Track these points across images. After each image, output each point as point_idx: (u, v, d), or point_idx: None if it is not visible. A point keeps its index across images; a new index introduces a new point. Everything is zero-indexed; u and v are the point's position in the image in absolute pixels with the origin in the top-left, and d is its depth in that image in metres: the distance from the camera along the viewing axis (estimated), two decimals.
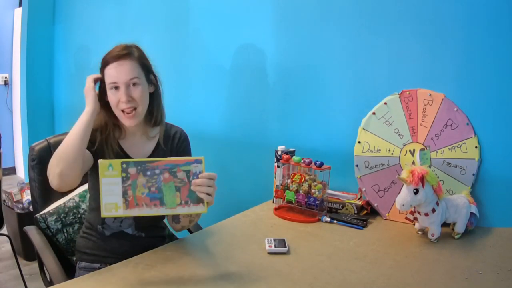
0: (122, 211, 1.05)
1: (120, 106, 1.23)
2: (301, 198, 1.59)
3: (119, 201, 1.05)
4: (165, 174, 1.07)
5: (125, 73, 1.22)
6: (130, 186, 1.05)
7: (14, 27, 4.12)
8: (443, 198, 1.37)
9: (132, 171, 1.05)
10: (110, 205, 1.05)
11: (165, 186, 1.07)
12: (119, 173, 1.05)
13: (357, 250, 1.30)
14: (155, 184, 1.06)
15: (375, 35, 1.65)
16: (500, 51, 1.40)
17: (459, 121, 1.47)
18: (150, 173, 1.06)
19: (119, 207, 1.05)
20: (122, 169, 1.05)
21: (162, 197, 1.07)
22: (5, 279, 2.38)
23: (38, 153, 1.50)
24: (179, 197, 1.07)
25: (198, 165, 1.08)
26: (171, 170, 1.07)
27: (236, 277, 1.11)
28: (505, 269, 1.16)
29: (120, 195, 1.05)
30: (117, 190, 1.05)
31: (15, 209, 2.56)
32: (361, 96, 1.70)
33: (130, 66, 1.23)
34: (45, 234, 1.42)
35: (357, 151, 1.65)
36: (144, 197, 1.06)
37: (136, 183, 1.06)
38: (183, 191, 1.07)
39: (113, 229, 1.32)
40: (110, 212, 1.05)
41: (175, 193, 1.07)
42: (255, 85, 2.06)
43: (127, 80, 1.22)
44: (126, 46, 1.26)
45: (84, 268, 1.31)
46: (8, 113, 4.27)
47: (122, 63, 1.22)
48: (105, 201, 1.05)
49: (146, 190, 1.06)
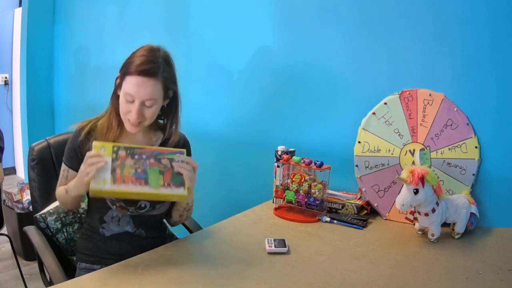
0: (110, 186, 1.12)
1: (128, 117, 1.21)
2: (301, 198, 1.59)
3: (107, 177, 1.12)
4: (151, 159, 1.18)
5: (145, 94, 1.17)
6: (118, 165, 1.14)
7: (14, 27, 4.12)
8: (443, 198, 1.37)
9: (122, 153, 1.16)
10: (99, 179, 1.12)
11: (150, 169, 1.17)
12: (110, 154, 1.15)
13: (357, 250, 1.30)
14: (141, 166, 1.16)
15: (375, 35, 1.65)
16: (499, 51, 1.40)
17: (459, 121, 1.47)
18: (138, 157, 1.17)
19: (106, 181, 1.12)
20: (113, 151, 1.15)
21: (147, 177, 1.15)
22: (5, 279, 2.38)
23: (38, 153, 1.50)
24: (162, 180, 1.17)
25: (180, 155, 1.21)
26: (156, 156, 1.19)
27: (236, 277, 1.11)
28: (505, 269, 1.16)
29: (109, 172, 1.13)
30: (107, 167, 1.13)
31: (15, 209, 2.56)
32: (361, 96, 1.70)
33: (153, 87, 1.18)
34: (45, 233, 1.42)
35: (357, 151, 1.65)
36: (131, 176, 1.14)
37: (124, 163, 1.15)
38: (167, 175, 1.17)
39: (113, 229, 1.32)
40: (98, 185, 1.11)
41: (159, 176, 1.17)
42: (255, 85, 2.06)
43: (144, 100, 1.18)
44: (156, 58, 1.19)
45: (85, 269, 1.31)
46: (8, 113, 4.27)
47: (146, 82, 1.16)
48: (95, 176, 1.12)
49: (133, 170, 1.15)
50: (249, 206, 1.70)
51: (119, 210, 1.29)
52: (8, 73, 4.22)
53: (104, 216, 1.31)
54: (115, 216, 1.31)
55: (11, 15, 4.13)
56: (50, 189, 1.52)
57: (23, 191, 2.64)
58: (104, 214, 1.31)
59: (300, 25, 1.87)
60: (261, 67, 2.02)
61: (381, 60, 1.65)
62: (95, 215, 1.33)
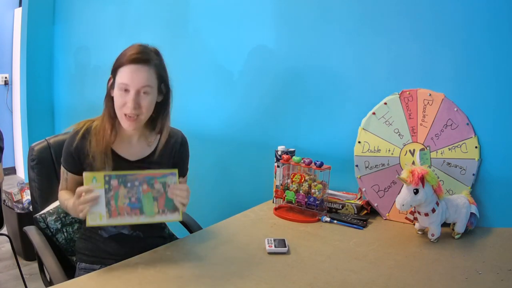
0: (106, 220, 1.14)
1: (125, 110, 1.20)
2: (301, 198, 1.59)
3: (103, 211, 1.13)
4: (143, 186, 1.17)
5: (140, 80, 1.18)
6: (112, 196, 1.14)
7: (14, 27, 4.12)
8: (443, 198, 1.37)
9: (114, 182, 1.15)
10: (95, 215, 1.13)
11: (144, 197, 1.17)
12: (102, 185, 1.14)
13: (357, 250, 1.30)
14: (135, 195, 1.16)
15: (375, 35, 1.65)
16: (499, 51, 1.40)
17: (459, 121, 1.47)
18: (130, 185, 1.16)
19: (102, 216, 1.13)
20: (105, 181, 1.14)
21: (141, 206, 1.17)
22: (5, 279, 2.38)
23: (38, 153, 1.50)
24: (157, 207, 1.18)
25: (173, 177, 1.20)
26: (149, 182, 1.18)
27: (236, 277, 1.11)
28: (505, 269, 1.16)
29: (103, 205, 1.13)
30: (101, 200, 1.13)
31: (15, 209, 2.56)
32: (361, 96, 1.70)
33: (147, 73, 1.19)
34: (45, 234, 1.42)
35: (357, 151, 1.65)
36: (126, 207, 1.15)
37: (118, 194, 1.15)
38: (160, 201, 1.18)
39: (111, 231, 1.32)
40: (95, 221, 1.13)
41: (154, 202, 1.17)
42: (255, 85, 2.06)
43: (139, 87, 1.19)
44: (145, 49, 1.22)
45: (84, 269, 1.31)
46: (8, 113, 4.27)
47: (139, 68, 1.18)
48: (90, 211, 1.12)
49: (127, 200, 1.16)
50: (249, 206, 1.70)
51: None
52: (8, 73, 4.22)
53: None
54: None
55: (11, 15, 4.13)
56: (50, 189, 1.52)
57: (23, 191, 2.64)
58: None
59: (300, 25, 1.87)
60: (261, 67, 2.02)
61: (381, 60, 1.64)
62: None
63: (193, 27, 2.31)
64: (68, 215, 1.46)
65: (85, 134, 1.27)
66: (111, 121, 1.26)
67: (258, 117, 2.06)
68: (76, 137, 1.27)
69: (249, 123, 2.10)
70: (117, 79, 1.20)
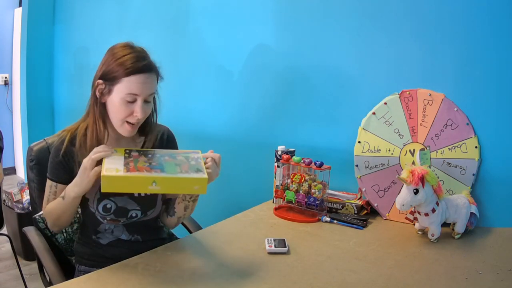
0: (123, 173, 1.04)
1: (130, 119, 1.18)
2: (301, 198, 1.59)
3: (120, 167, 1.06)
4: (165, 157, 1.14)
5: (149, 89, 1.17)
6: (132, 161, 1.10)
7: (14, 27, 4.12)
8: (443, 198, 1.37)
9: (134, 154, 1.13)
10: (111, 169, 1.05)
11: (166, 163, 1.12)
12: (122, 154, 1.12)
13: (357, 250, 1.30)
14: (156, 161, 1.12)
15: (375, 35, 1.65)
16: (500, 51, 1.40)
17: (459, 121, 1.47)
18: (151, 156, 1.14)
19: (119, 170, 1.05)
20: (125, 152, 1.14)
21: (163, 168, 1.09)
22: (5, 279, 2.38)
23: (37, 154, 1.49)
24: (180, 168, 1.10)
25: (195, 154, 1.17)
26: (171, 155, 1.16)
27: (236, 277, 1.11)
28: (505, 269, 1.16)
29: (121, 164, 1.08)
30: (119, 161, 1.09)
31: (15, 209, 2.56)
32: (361, 96, 1.70)
33: (153, 81, 1.18)
34: (44, 234, 1.41)
35: (357, 151, 1.65)
36: (146, 167, 1.08)
37: (138, 160, 1.11)
38: (183, 167, 1.11)
39: (108, 238, 1.30)
40: (110, 172, 1.04)
41: (176, 167, 1.10)
42: (255, 85, 2.06)
43: (147, 96, 1.18)
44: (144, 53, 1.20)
45: (84, 272, 1.28)
46: (8, 113, 4.27)
47: (148, 77, 1.16)
48: (107, 166, 1.05)
49: (147, 164, 1.10)
50: (249, 206, 1.70)
51: (110, 223, 1.28)
52: (8, 73, 4.22)
53: (97, 227, 1.29)
54: (108, 228, 1.29)
55: (11, 15, 4.13)
56: None
57: (23, 191, 2.64)
58: (97, 226, 1.29)
59: (300, 25, 1.87)
60: (261, 67, 2.02)
61: (381, 60, 1.64)
62: (89, 227, 1.31)
63: (193, 27, 2.31)
64: None
65: (72, 139, 1.23)
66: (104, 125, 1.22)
67: (258, 117, 2.06)
68: (61, 145, 1.23)
69: (249, 123, 2.10)
70: (120, 88, 1.15)
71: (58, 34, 3.48)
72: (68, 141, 1.23)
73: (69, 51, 3.38)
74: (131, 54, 1.17)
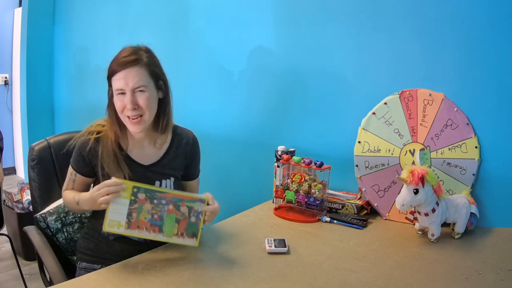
0: (123, 230, 1.13)
1: (126, 113, 1.22)
2: (301, 198, 1.59)
3: (122, 220, 1.13)
4: (169, 206, 1.17)
5: (133, 82, 1.20)
6: (136, 209, 1.14)
7: (14, 27, 4.12)
8: (443, 198, 1.37)
9: (141, 196, 1.15)
10: (114, 222, 1.13)
11: (167, 216, 1.17)
12: (129, 196, 1.14)
13: (357, 250, 1.30)
14: (158, 213, 1.16)
15: (375, 35, 1.65)
16: (500, 51, 1.40)
17: (459, 121, 1.47)
18: (157, 202, 1.16)
19: (121, 225, 1.13)
20: (133, 193, 1.14)
21: (162, 225, 1.16)
22: (5, 279, 2.38)
23: (38, 153, 1.50)
24: (177, 229, 1.18)
25: (201, 204, 1.19)
26: (176, 203, 1.18)
27: (236, 277, 1.11)
28: (505, 269, 1.16)
29: (125, 215, 1.13)
30: (124, 210, 1.13)
31: (15, 209, 2.56)
32: (361, 96, 1.70)
33: (137, 73, 1.20)
34: (45, 233, 1.42)
35: (357, 151, 1.65)
36: (146, 222, 1.15)
37: (142, 208, 1.15)
38: (182, 224, 1.18)
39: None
40: (112, 228, 1.13)
41: (175, 224, 1.17)
42: (255, 86, 2.06)
43: (133, 88, 1.20)
44: (134, 50, 1.24)
45: (85, 269, 1.30)
46: (8, 113, 4.27)
47: (130, 71, 1.20)
48: (110, 218, 1.13)
49: (149, 216, 1.15)
50: (249, 206, 1.70)
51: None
52: (8, 73, 4.22)
53: None
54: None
55: (11, 15, 4.13)
56: (50, 189, 1.52)
57: (23, 191, 2.64)
58: None
59: (301, 26, 1.87)
60: (262, 67, 2.02)
61: (381, 60, 1.65)
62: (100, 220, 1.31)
63: (193, 27, 2.31)
64: (68, 215, 1.46)
65: (98, 139, 1.28)
66: (117, 129, 1.27)
67: (259, 117, 2.06)
68: (89, 141, 1.27)
69: (249, 123, 2.10)
70: (113, 86, 1.22)
71: (58, 34, 3.48)
72: (95, 139, 1.28)
73: (69, 51, 3.38)
74: (122, 53, 1.23)
